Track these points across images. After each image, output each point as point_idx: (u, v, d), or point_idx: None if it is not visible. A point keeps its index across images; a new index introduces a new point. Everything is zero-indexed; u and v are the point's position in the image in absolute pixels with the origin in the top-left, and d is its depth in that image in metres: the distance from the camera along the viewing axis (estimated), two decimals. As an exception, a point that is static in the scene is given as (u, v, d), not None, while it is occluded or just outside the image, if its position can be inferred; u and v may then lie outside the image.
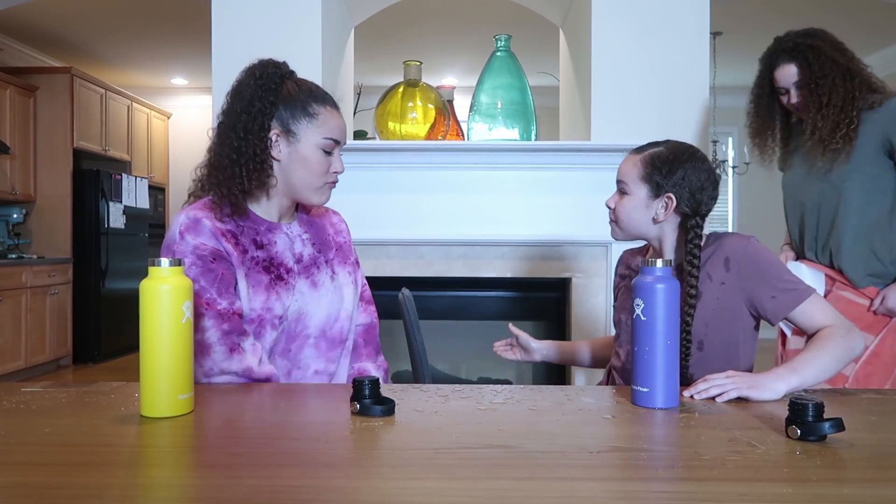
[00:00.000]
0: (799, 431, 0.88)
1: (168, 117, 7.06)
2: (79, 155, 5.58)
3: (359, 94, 3.49)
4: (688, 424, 0.97)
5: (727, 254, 1.37)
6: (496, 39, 2.68)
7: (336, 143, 1.32)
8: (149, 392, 0.98)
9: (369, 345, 1.49)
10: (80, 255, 5.52)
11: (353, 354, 1.44)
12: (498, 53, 2.68)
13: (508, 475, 0.77)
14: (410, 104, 2.70)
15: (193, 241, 1.23)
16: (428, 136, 2.68)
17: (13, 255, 5.09)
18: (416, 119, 2.69)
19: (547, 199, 2.61)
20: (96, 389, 1.15)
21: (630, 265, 1.57)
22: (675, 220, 1.42)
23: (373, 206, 2.61)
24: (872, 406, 1.08)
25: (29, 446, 0.86)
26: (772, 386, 1.11)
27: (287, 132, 1.29)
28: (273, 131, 1.28)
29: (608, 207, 1.47)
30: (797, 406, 0.89)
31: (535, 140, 2.67)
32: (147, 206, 6.17)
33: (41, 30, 5.38)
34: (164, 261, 0.99)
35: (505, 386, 1.24)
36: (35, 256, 5.25)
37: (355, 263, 1.48)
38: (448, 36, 5.47)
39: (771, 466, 0.79)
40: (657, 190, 1.39)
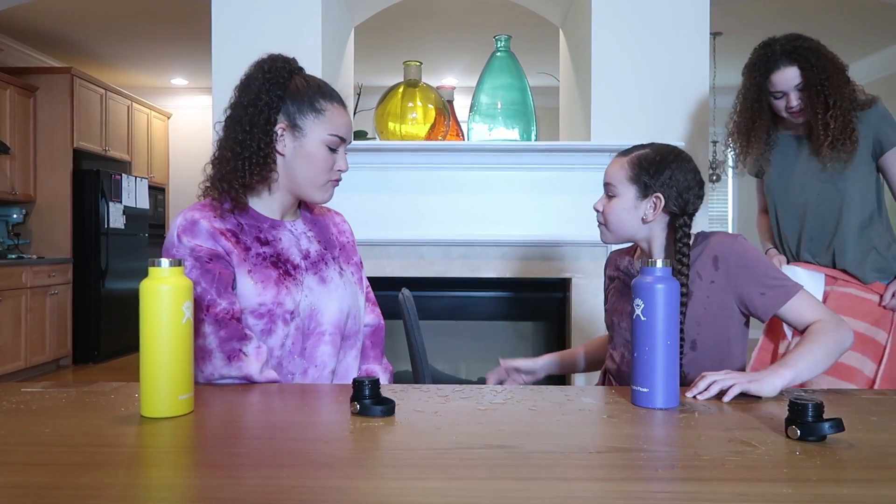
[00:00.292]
0: (799, 431, 0.88)
1: (168, 117, 7.07)
2: (79, 155, 5.58)
3: (359, 95, 3.49)
4: (687, 425, 0.97)
5: (716, 252, 1.39)
6: (496, 40, 2.68)
7: (341, 141, 1.32)
8: (149, 392, 0.98)
9: (376, 347, 1.48)
10: (80, 255, 5.52)
11: (360, 356, 1.44)
12: (498, 54, 2.68)
13: (508, 475, 0.77)
14: (410, 104, 2.70)
15: (190, 244, 1.23)
16: (428, 137, 2.68)
17: (13, 256, 5.10)
18: (416, 119, 2.69)
19: (547, 200, 2.61)
20: (96, 390, 1.15)
21: (619, 266, 1.57)
22: (664, 220, 1.44)
23: (373, 206, 2.61)
24: (872, 406, 1.09)
25: (29, 446, 0.86)
26: (768, 380, 1.13)
27: (293, 127, 1.28)
28: (279, 125, 1.28)
29: (596, 210, 1.48)
30: (797, 406, 0.89)
31: (535, 140, 2.67)
32: (147, 207, 6.17)
33: (41, 30, 5.38)
34: (164, 261, 0.99)
35: (505, 386, 1.24)
36: (35, 256, 5.25)
37: (359, 264, 1.47)
38: (448, 36, 5.47)
39: (771, 466, 0.79)
40: (645, 190, 1.41)
